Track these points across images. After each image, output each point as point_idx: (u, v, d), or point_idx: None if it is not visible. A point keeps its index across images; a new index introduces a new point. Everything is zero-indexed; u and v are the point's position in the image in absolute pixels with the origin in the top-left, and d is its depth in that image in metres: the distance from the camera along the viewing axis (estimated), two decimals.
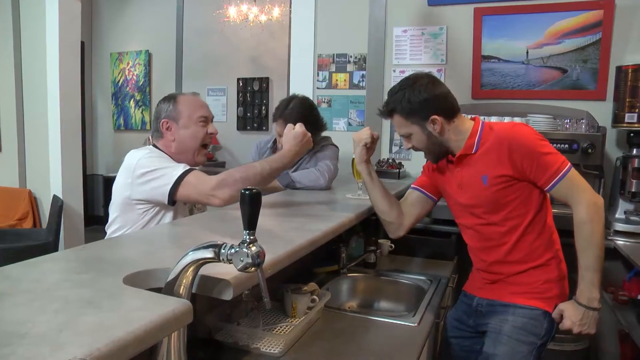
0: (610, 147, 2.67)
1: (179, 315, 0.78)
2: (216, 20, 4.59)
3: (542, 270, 1.58)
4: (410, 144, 1.66)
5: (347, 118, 3.30)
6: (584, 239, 1.45)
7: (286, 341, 1.30)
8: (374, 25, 3.16)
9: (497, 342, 1.59)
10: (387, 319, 1.58)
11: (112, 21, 5.43)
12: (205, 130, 1.84)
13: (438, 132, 1.59)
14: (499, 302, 1.63)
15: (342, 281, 1.99)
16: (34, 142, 4.17)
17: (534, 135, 1.53)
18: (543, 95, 2.77)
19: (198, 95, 1.96)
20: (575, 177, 1.48)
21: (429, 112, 1.57)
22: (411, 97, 1.57)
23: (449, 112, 1.60)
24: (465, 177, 1.63)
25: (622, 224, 2.41)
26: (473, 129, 1.61)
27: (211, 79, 5.26)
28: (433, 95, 1.57)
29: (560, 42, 2.77)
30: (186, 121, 1.81)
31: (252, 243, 0.89)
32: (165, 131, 1.81)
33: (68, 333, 0.67)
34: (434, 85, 1.59)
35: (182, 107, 1.81)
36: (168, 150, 1.82)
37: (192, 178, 1.64)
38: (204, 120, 1.83)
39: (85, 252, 1.14)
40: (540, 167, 1.49)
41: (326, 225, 1.50)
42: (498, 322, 1.61)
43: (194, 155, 1.84)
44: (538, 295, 1.57)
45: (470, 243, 1.72)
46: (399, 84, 1.64)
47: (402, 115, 1.61)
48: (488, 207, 1.60)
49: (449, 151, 1.65)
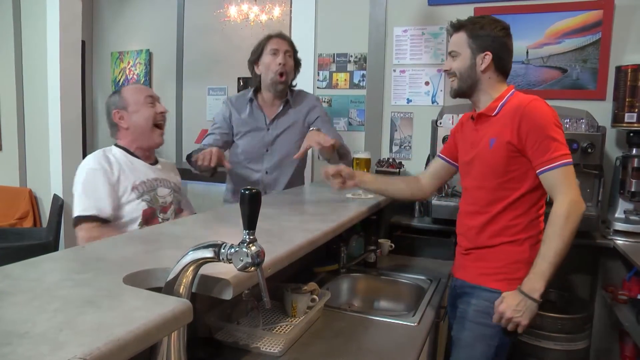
0: (610, 146, 2.67)
1: (179, 314, 0.78)
2: (217, 20, 4.58)
3: (513, 247, 1.58)
4: (451, 65, 1.68)
5: (348, 117, 3.30)
6: (553, 230, 1.45)
7: (286, 340, 1.30)
8: (374, 25, 3.16)
9: (462, 326, 1.63)
10: (387, 318, 1.58)
11: (113, 20, 5.43)
12: (154, 109, 1.92)
13: (482, 69, 1.62)
14: (468, 283, 1.66)
15: (342, 281, 1.99)
16: (34, 141, 4.17)
17: (550, 116, 1.52)
18: (543, 95, 2.69)
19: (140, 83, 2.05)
20: (569, 174, 1.48)
21: (488, 47, 1.61)
22: (485, 26, 1.62)
23: (502, 63, 1.64)
24: (478, 137, 1.66)
25: (622, 224, 2.41)
26: (502, 94, 1.64)
27: (212, 79, 5.25)
28: (502, 40, 1.62)
29: (560, 42, 2.77)
30: (134, 106, 1.90)
31: (251, 243, 0.89)
32: (118, 121, 1.90)
33: (68, 332, 0.67)
34: (507, 35, 1.64)
35: (127, 94, 1.91)
36: (127, 143, 1.91)
37: (82, 231, 1.71)
38: (150, 100, 1.92)
39: (86, 252, 1.14)
40: (541, 148, 1.49)
41: (326, 225, 1.50)
42: (465, 305, 1.64)
43: (149, 137, 1.91)
44: (504, 276, 1.56)
45: (461, 207, 1.75)
46: (483, 16, 1.72)
47: (467, 34, 1.64)
48: (484, 170, 1.63)
49: (472, 97, 1.68)
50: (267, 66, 2.34)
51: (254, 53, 2.42)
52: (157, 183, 1.91)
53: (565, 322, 2.34)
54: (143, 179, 1.86)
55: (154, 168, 1.95)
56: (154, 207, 1.85)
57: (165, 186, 1.93)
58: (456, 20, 1.70)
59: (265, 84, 2.40)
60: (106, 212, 1.73)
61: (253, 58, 2.43)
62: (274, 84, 2.36)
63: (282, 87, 2.36)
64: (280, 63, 2.32)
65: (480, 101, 1.67)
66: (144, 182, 1.86)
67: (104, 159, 1.81)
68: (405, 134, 3.15)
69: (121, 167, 1.83)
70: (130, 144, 1.91)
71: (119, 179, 1.80)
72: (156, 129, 1.93)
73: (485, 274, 1.60)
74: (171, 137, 5.16)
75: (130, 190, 1.80)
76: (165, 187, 1.93)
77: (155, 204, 1.85)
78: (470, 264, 1.67)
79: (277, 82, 2.34)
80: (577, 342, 2.35)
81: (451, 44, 1.70)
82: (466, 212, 1.71)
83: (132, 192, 1.81)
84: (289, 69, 2.38)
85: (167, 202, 1.91)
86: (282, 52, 2.35)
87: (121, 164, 1.84)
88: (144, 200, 1.82)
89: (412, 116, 3.13)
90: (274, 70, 2.33)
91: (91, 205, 1.72)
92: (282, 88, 2.37)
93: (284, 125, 2.44)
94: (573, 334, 2.34)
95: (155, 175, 1.92)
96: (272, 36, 2.40)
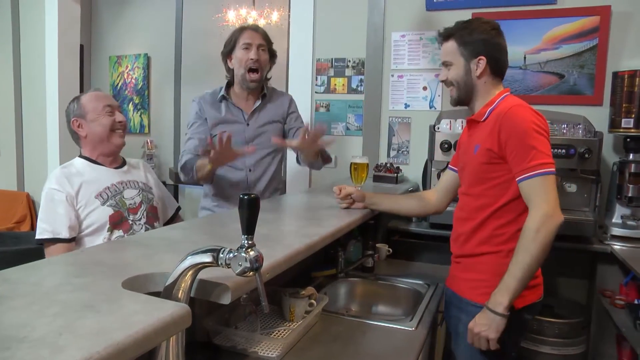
0: (607, 152, 2.68)
1: (178, 319, 0.79)
2: (215, 24, 4.59)
3: (496, 259, 1.54)
4: (447, 75, 1.67)
5: (346, 122, 3.30)
6: (522, 244, 1.41)
7: (284, 345, 1.30)
8: (372, 30, 3.17)
9: (456, 342, 1.64)
10: (385, 323, 1.58)
11: (111, 24, 5.44)
12: (113, 118, 1.91)
13: (477, 74, 1.60)
14: (457, 295, 1.64)
15: (339, 285, 2.00)
16: (32, 145, 4.17)
17: (530, 123, 1.47)
18: (540, 101, 2.78)
19: (99, 90, 2.02)
20: (548, 184, 1.42)
21: (480, 52, 1.59)
22: (474, 31, 1.60)
23: (498, 64, 1.62)
24: (468, 143, 1.66)
25: (619, 229, 2.42)
26: (492, 98, 1.61)
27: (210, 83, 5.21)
28: (493, 40, 1.60)
29: (558, 47, 2.78)
30: (92, 115, 1.88)
31: (250, 247, 0.89)
32: (77, 129, 1.90)
33: (67, 336, 0.67)
34: (498, 35, 1.62)
35: (85, 102, 1.90)
36: (87, 151, 1.92)
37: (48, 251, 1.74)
38: (109, 110, 1.91)
39: (84, 256, 1.14)
40: (519, 156, 1.45)
41: (324, 230, 1.50)
42: (455, 320, 1.64)
43: (109, 142, 1.91)
44: (487, 289, 1.51)
45: (454, 213, 1.74)
46: (470, 19, 1.68)
47: (457, 42, 1.62)
48: (470, 177, 1.62)
49: (470, 103, 1.67)
50: (240, 61, 2.23)
51: (227, 45, 2.30)
52: (122, 186, 1.91)
53: (563, 327, 2.34)
54: (107, 185, 1.87)
55: (119, 171, 1.95)
56: (120, 211, 1.85)
57: (132, 187, 1.94)
58: (443, 29, 1.68)
59: (238, 79, 2.28)
60: (63, 233, 1.73)
61: (225, 51, 2.32)
62: (245, 80, 2.24)
63: (254, 84, 2.25)
64: (252, 58, 2.20)
65: (475, 107, 1.66)
66: (107, 188, 1.86)
67: (62, 175, 1.81)
68: (403, 139, 3.15)
69: (83, 179, 1.83)
70: (92, 153, 1.92)
71: (79, 192, 1.80)
72: (114, 133, 1.91)
73: (472, 287, 1.59)
74: (169, 141, 5.16)
75: (94, 199, 1.81)
76: (132, 188, 1.93)
77: (122, 207, 1.86)
78: (458, 274, 1.66)
79: (249, 79, 2.23)
80: (575, 347, 2.35)
81: (443, 54, 1.68)
82: (457, 219, 1.71)
83: (96, 200, 1.81)
84: (263, 64, 2.25)
85: (135, 202, 1.91)
86: (255, 46, 2.22)
87: (83, 174, 1.85)
88: (109, 206, 1.83)
89: (410, 121, 3.13)
90: (246, 66, 2.21)
91: (47, 229, 1.74)
92: (254, 85, 2.25)
93: (264, 119, 2.32)
94: (570, 339, 2.34)
95: (120, 178, 1.93)
96: (245, 28, 2.28)
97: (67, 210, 1.76)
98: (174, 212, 2.14)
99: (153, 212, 1.96)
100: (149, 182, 2.04)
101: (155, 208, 1.99)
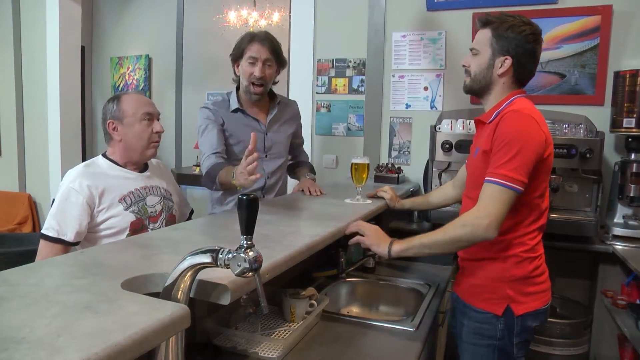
0: (609, 151, 2.68)
1: (177, 320, 0.78)
2: (216, 25, 4.60)
3: (495, 266, 1.52)
4: (470, 62, 1.61)
5: (347, 123, 3.30)
6: (448, 225, 1.45)
7: (284, 346, 1.30)
8: (373, 30, 3.17)
9: (461, 347, 1.64)
10: (386, 323, 1.58)
11: (113, 25, 5.45)
12: (151, 129, 1.84)
13: (499, 73, 1.55)
14: (461, 300, 1.64)
15: (340, 286, 1.99)
16: (33, 146, 4.18)
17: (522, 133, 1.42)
18: (542, 100, 2.78)
19: (142, 94, 1.94)
20: (503, 198, 1.39)
21: (509, 51, 1.52)
22: (513, 27, 1.52)
23: (522, 70, 1.55)
24: (473, 145, 1.66)
25: (621, 229, 2.41)
26: (501, 101, 1.56)
27: (211, 84, 5.26)
28: (528, 46, 1.52)
29: (559, 47, 2.78)
30: (130, 119, 1.81)
31: (249, 248, 0.89)
32: (112, 132, 1.83)
33: (66, 338, 0.67)
34: (535, 41, 1.53)
35: (125, 105, 1.82)
36: (115, 155, 1.85)
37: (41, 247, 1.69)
38: (148, 117, 1.83)
39: (84, 257, 1.14)
40: (497, 158, 1.42)
41: (324, 230, 1.50)
42: (459, 325, 1.63)
43: (142, 153, 1.85)
44: (488, 295, 1.52)
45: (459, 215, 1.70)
46: (515, 15, 1.58)
47: (492, 33, 1.55)
48: (470, 180, 1.62)
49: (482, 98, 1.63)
50: (244, 73, 2.18)
51: (235, 51, 2.22)
52: (146, 192, 1.85)
53: (565, 327, 2.34)
54: (131, 189, 1.81)
55: (142, 176, 1.89)
56: (141, 218, 1.80)
57: (154, 194, 1.88)
58: (486, 14, 1.61)
59: (243, 87, 2.24)
60: (69, 235, 1.68)
61: (233, 56, 2.25)
62: (249, 92, 2.20)
63: (257, 97, 2.21)
64: (257, 76, 2.14)
65: (486, 104, 1.62)
66: (132, 193, 1.80)
67: (85, 175, 1.75)
68: (404, 139, 3.15)
69: (107, 180, 1.77)
70: (121, 158, 1.85)
71: (103, 193, 1.74)
72: (150, 145, 1.85)
73: (474, 293, 1.58)
74: (170, 142, 5.17)
75: (117, 202, 1.76)
76: (154, 195, 1.88)
77: (143, 215, 1.81)
78: (463, 279, 1.66)
79: (252, 91, 2.18)
80: (577, 347, 2.35)
81: (474, 40, 1.62)
82: None
83: (119, 204, 1.76)
84: (268, 79, 2.20)
85: (156, 211, 1.86)
86: (261, 61, 2.14)
87: (107, 176, 1.79)
88: (131, 212, 1.77)
89: (411, 121, 3.13)
90: (250, 80, 2.16)
91: (55, 227, 1.68)
92: (257, 98, 2.22)
93: (280, 128, 2.33)
94: (572, 339, 2.34)
95: (144, 183, 1.87)
96: (254, 39, 2.17)
97: (80, 214, 1.69)
98: (188, 215, 2.12)
99: (171, 221, 1.91)
100: (169, 188, 1.99)
101: (174, 217, 1.94)
